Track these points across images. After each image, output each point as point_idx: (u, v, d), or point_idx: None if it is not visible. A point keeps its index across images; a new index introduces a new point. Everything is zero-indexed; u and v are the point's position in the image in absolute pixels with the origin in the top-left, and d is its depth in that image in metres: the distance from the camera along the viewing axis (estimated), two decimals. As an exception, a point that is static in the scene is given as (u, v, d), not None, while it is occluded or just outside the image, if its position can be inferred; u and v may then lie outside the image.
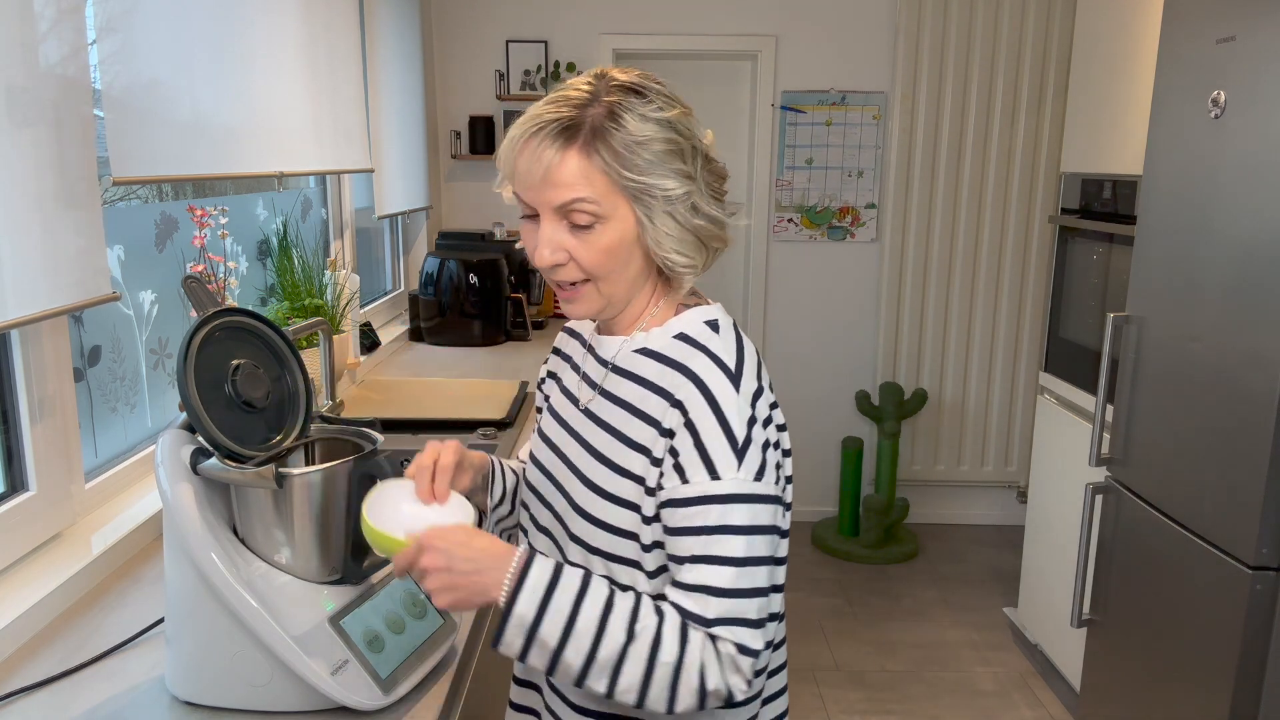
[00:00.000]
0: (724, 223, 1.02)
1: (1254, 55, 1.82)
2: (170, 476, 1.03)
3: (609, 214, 0.96)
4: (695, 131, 0.98)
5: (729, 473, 0.92)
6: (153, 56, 1.57)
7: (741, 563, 0.92)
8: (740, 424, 0.94)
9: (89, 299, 1.37)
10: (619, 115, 0.94)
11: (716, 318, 1.03)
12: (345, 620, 1.08)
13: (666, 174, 0.95)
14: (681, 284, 1.03)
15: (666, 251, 0.98)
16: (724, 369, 0.97)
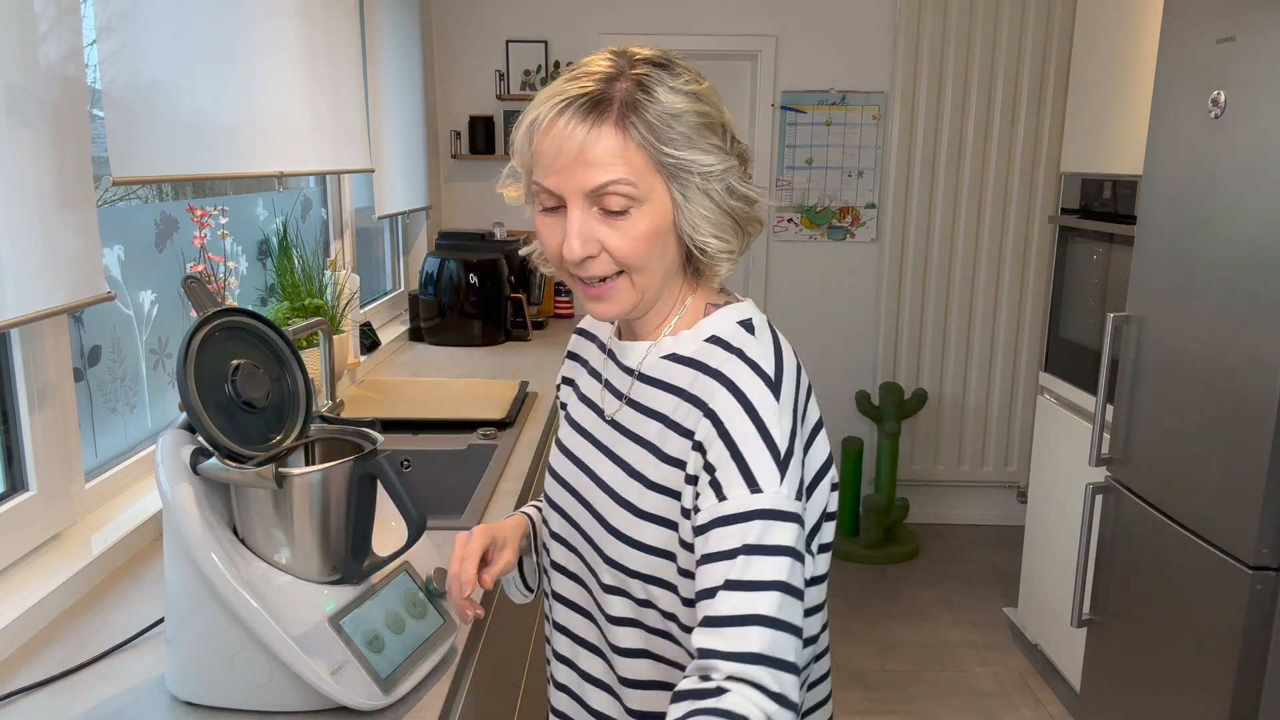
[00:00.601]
0: (756, 200, 0.94)
1: (1254, 55, 1.82)
2: (170, 476, 1.03)
3: (645, 196, 0.87)
4: (724, 108, 0.92)
5: (771, 485, 0.83)
6: (153, 56, 1.57)
7: (786, 589, 0.82)
8: (783, 435, 0.86)
9: (85, 299, 1.37)
10: (650, 88, 0.86)
11: (750, 317, 0.94)
12: (345, 620, 1.08)
13: (705, 149, 0.88)
14: (716, 275, 0.95)
15: (704, 235, 0.90)
16: (763, 376, 0.88)
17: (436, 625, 1.18)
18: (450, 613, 1.22)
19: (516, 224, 3.92)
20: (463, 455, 2.07)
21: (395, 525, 1.21)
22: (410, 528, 1.09)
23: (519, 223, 3.92)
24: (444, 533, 1.60)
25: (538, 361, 2.99)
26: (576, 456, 1.04)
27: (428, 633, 1.17)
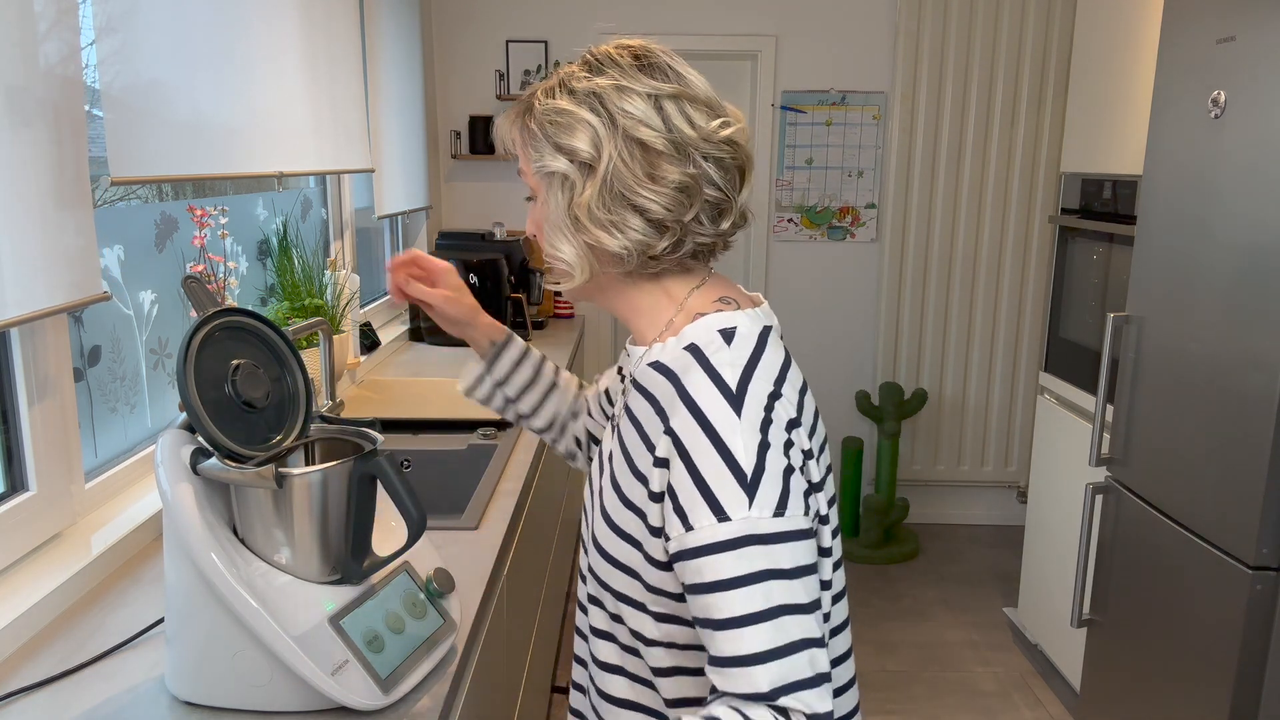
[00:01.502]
0: (609, 222, 0.88)
1: (1254, 55, 1.82)
2: (170, 476, 1.03)
3: (535, 189, 0.94)
4: (631, 108, 0.87)
5: (738, 511, 0.79)
6: (153, 56, 1.57)
7: (776, 613, 0.78)
8: (748, 452, 0.81)
9: (83, 298, 1.37)
10: (551, 89, 0.91)
11: (736, 325, 0.89)
12: (345, 620, 1.07)
13: (552, 150, 0.89)
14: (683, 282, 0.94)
15: (550, 243, 0.92)
16: (722, 388, 0.84)
17: (436, 625, 1.18)
18: (449, 611, 1.23)
19: (516, 224, 3.92)
20: (463, 455, 2.07)
21: (395, 525, 1.21)
22: (410, 528, 1.09)
23: (519, 223, 3.92)
24: (444, 533, 1.60)
25: (538, 361, 2.98)
26: (601, 458, 1.02)
27: (428, 633, 1.17)
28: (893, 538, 3.94)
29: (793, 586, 0.80)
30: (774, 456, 0.82)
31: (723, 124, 0.90)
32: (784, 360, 0.90)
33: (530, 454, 2.03)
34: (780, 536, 0.80)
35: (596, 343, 4.04)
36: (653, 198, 0.87)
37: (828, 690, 0.79)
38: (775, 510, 0.80)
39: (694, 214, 0.89)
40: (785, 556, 0.80)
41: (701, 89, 0.91)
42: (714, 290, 0.95)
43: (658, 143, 0.87)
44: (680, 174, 0.87)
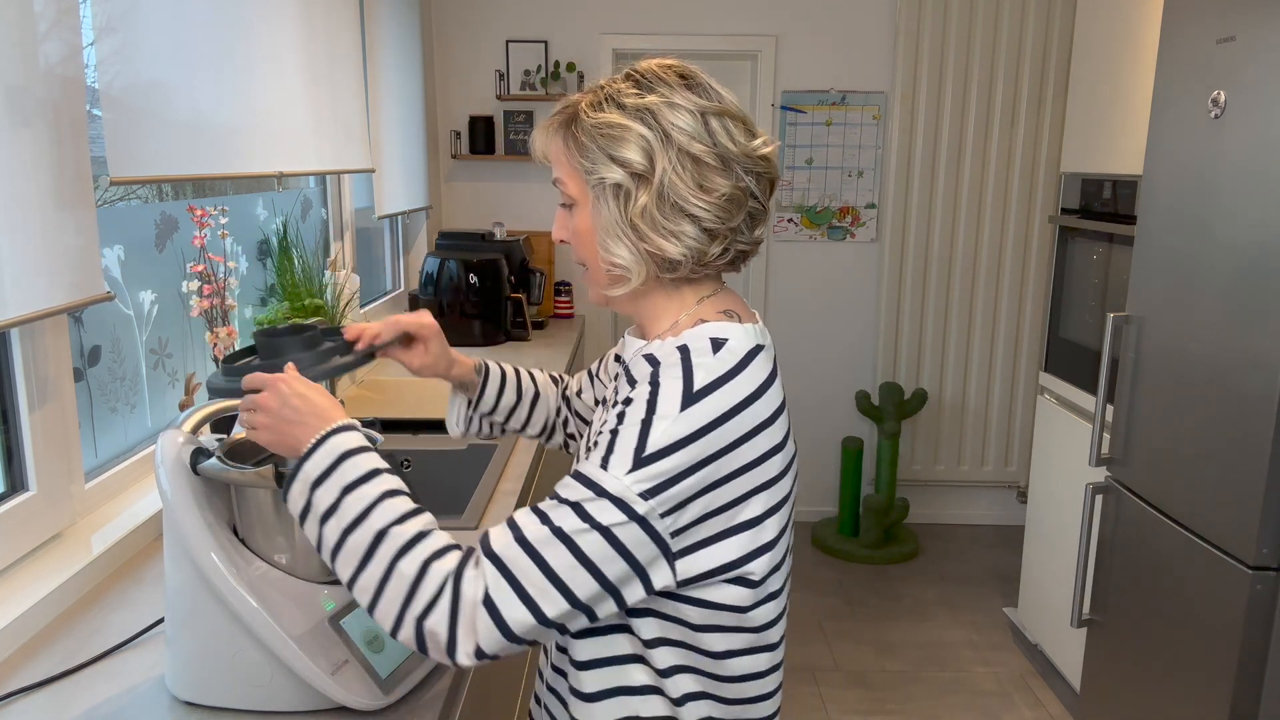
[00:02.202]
0: (668, 230, 0.93)
1: (1254, 55, 1.82)
2: (170, 476, 1.03)
3: (579, 198, 0.98)
4: (682, 123, 0.92)
5: (618, 470, 0.85)
6: (153, 56, 1.57)
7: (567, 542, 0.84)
8: (663, 439, 0.85)
9: (85, 298, 1.37)
10: (598, 102, 0.95)
11: (728, 338, 0.93)
12: (345, 620, 1.08)
13: (606, 161, 0.93)
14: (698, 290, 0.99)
15: (606, 249, 0.96)
16: (686, 384, 0.88)
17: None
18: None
19: (516, 224, 3.92)
20: (463, 455, 2.08)
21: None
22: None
23: (519, 223, 3.92)
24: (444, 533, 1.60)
25: (537, 361, 2.98)
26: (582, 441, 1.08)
27: (428, 633, 1.16)
28: (893, 538, 3.94)
29: (606, 552, 0.84)
30: (684, 456, 0.86)
31: (762, 142, 0.97)
32: (762, 383, 0.93)
33: (530, 454, 2.03)
34: (630, 512, 0.84)
35: (597, 343, 4.04)
36: (705, 207, 0.93)
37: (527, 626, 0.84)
38: (643, 493, 0.85)
39: (739, 221, 0.96)
40: (623, 532, 0.84)
41: (737, 108, 0.97)
42: (721, 302, 1.00)
43: (707, 156, 0.93)
44: (729, 186, 0.94)
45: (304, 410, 0.94)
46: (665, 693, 0.96)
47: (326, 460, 0.91)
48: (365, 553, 0.87)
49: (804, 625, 3.31)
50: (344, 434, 0.93)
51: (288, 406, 0.95)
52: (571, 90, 3.81)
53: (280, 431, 0.95)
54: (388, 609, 0.86)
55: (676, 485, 0.86)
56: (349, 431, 0.93)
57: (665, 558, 0.87)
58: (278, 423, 0.95)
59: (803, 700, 2.84)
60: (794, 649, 3.15)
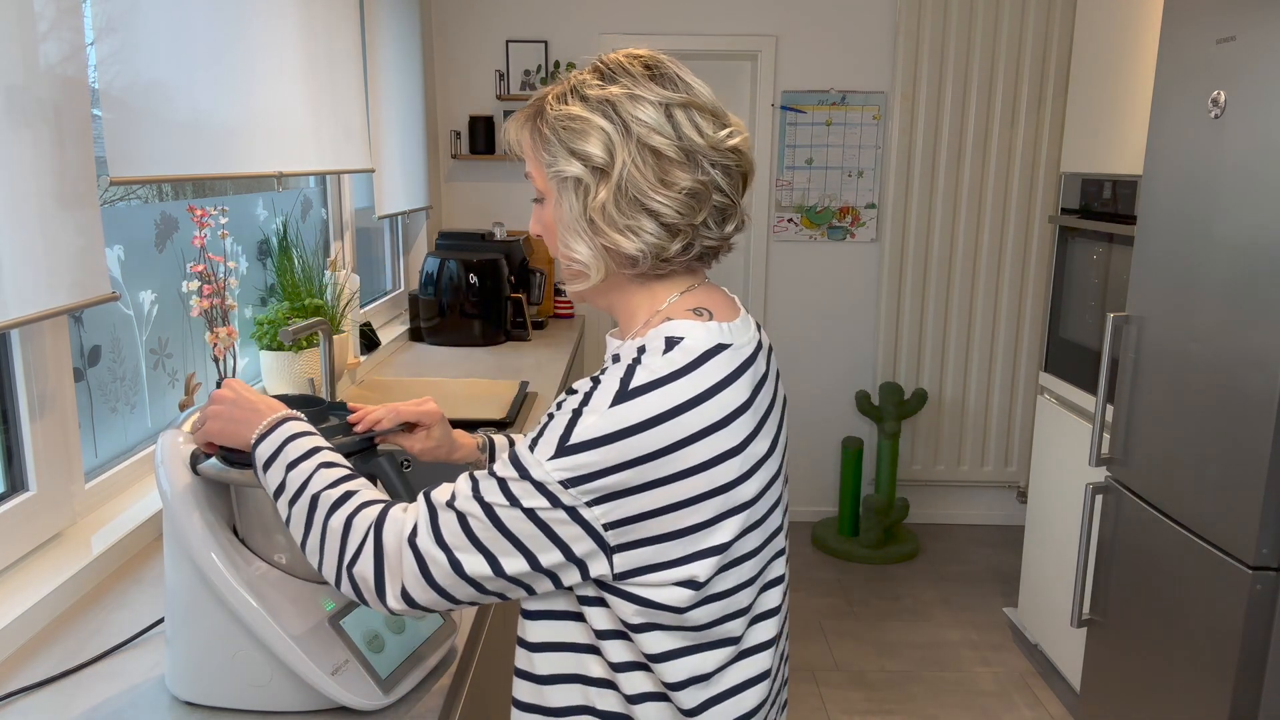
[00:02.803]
0: (625, 226, 0.91)
1: (1254, 55, 1.82)
2: (170, 476, 1.03)
3: (546, 193, 0.97)
4: (644, 116, 0.90)
5: (541, 456, 0.85)
6: (152, 56, 1.57)
7: (489, 512, 0.86)
8: (590, 431, 0.84)
9: (88, 299, 1.37)
10: (563, 95, 0.94)
11: (684, 336, 0.90)
12: (345, 620, 1.08)
13: (566, 155, 0.92)
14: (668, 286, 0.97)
15: (566, 244, 0.95)
16: (624, 382, 0.86)
17: (436, 625, 1.19)
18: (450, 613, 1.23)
19: (516, 224, 3.92)
20: (463, 455, 2.07)
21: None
22: (410, 528, 1.09)
23: (519, 223, 3.92)
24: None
25: (537, 361, 2.98)
26: None
27: (428, 633, 1.17)
28: (893, 538, 3.94)
29: (522, 530, 0.86)
30: (609, 453, 0.84)
31: (729, 133, 0.94)
32: (717, 383, 0.89)
33: (530, 454, 2.03)
34: (544, 494, 0.85)
35: (596, 342, 4.04)
36: (665, 202, 0.91)
37: (428, 578, 0.88)
38: (566, 480, 0.85)
39: (703, 218, 0.93)
40: (543, 514, 0.85)
41: (708, 98, 0.94)
42: (695, 299, 0.97)
43: (669, 150, 0.90)
44: (691, 180, 0.91)
45: (256, 407, 1.02)
46: (620, 689, 0.94)
47: (274, 444, 0.98)
48: (306, 518, 0.94)
49: (804, 625, 3.31)
50: (288, 423, 1.00)
51: (242, 401, 1.02)
52: (571, 90, 3.80)
53: (233, 419, 1.01)
54: (328, 565, 0.93)
55: (602, 479, 0.84)
56: (288, 421, 1.00)
57: (601, 549, 0.87)
58: (232, 411, 1.02)
59: (803, 700, 2.84)
60: (794, 649, 3.15)
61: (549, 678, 0.96)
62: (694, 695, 0.94)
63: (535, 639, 0.97)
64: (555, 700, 0.96)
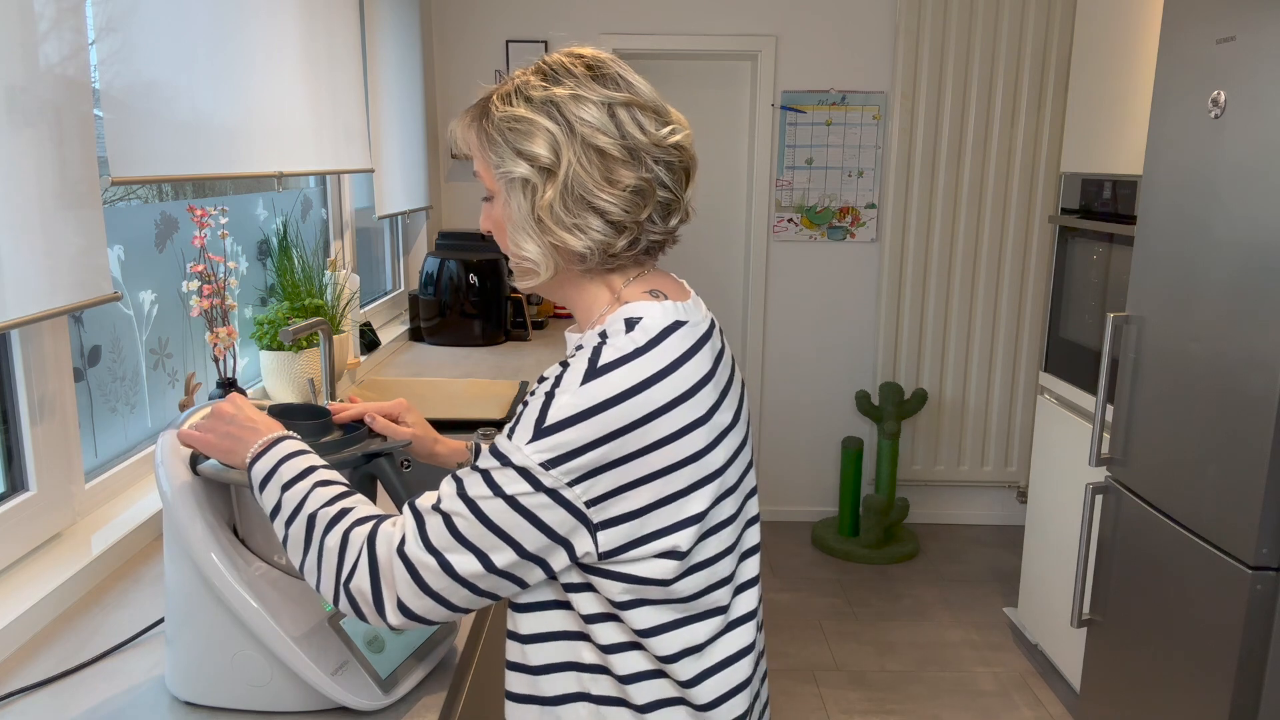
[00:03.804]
0: (572, 224, 0.93)
1: (1254, 55, 1.82)
2: (170, 476, 1.03)
3: (494, 191, 0.99)
4: (587, 116, 0.92)
5: (520, 441, 0.87)
6: (152, 56, 1.57)
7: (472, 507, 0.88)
8: (564, 412, 0.86)
9: (89, 299, 1.37)
10: (507, 95, 0.96)
11: (642, 316, 0.93)
12: (345, 620, 1.08)
13: (513, 155, 0.94)
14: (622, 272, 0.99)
15: (515, 242, 0.97)
16: (591, 362, 0.89)
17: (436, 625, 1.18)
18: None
19: (516, 224, 3.91)
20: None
21: (395, 525, 1.20)
22: (410, 528, 1.09)
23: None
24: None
25: (537, 361, 2.99)
26: None
27: (428, 633, 1.17)
28: (893, 538, 3.94)
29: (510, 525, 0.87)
30: (586, 429, 0.86)
31: (671, 130, 0.96)
32: (678, 358, 0.92)
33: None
34: (528, 478, 0.87)
35: (596, 343, 4.04)
36: (611, 200, 0.93)
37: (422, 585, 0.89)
38: (545, 462, 0.86)
39: (647, 214, 0.95)
40: (528, 501, 0.87)
41: (649, 96, 0.96)
42: (648, 283, 1.00)
43: (613, 149, 0.92)
44: (634, 177, 0.93)
45: (254, 425, 1.02)
46: (613, 671, 0.95)
47: (269, 464, 0.98)
48: (304, 538, 0.94)
49: (804, 625, 3.31)
50: (283, 442, 1.00)
51: (242, 417, 1.03)
52: (571, 90, 3.81)
53: (230, 435, 1.02)
54: (326, 583, 0.93)
55: (581, 456, 0.86)
56: (282, 441, 1.01)
57: (585, 527, 0.89)
58: (230, 428, 1.02)
59: (803, 700, 2.84)
60: (794, 649, 3.15)
61: (542, 668, 0.97)
62: (689, 667, 0.96)
63: (526, 630, 0.98)
64: (549, 690, 0.97)
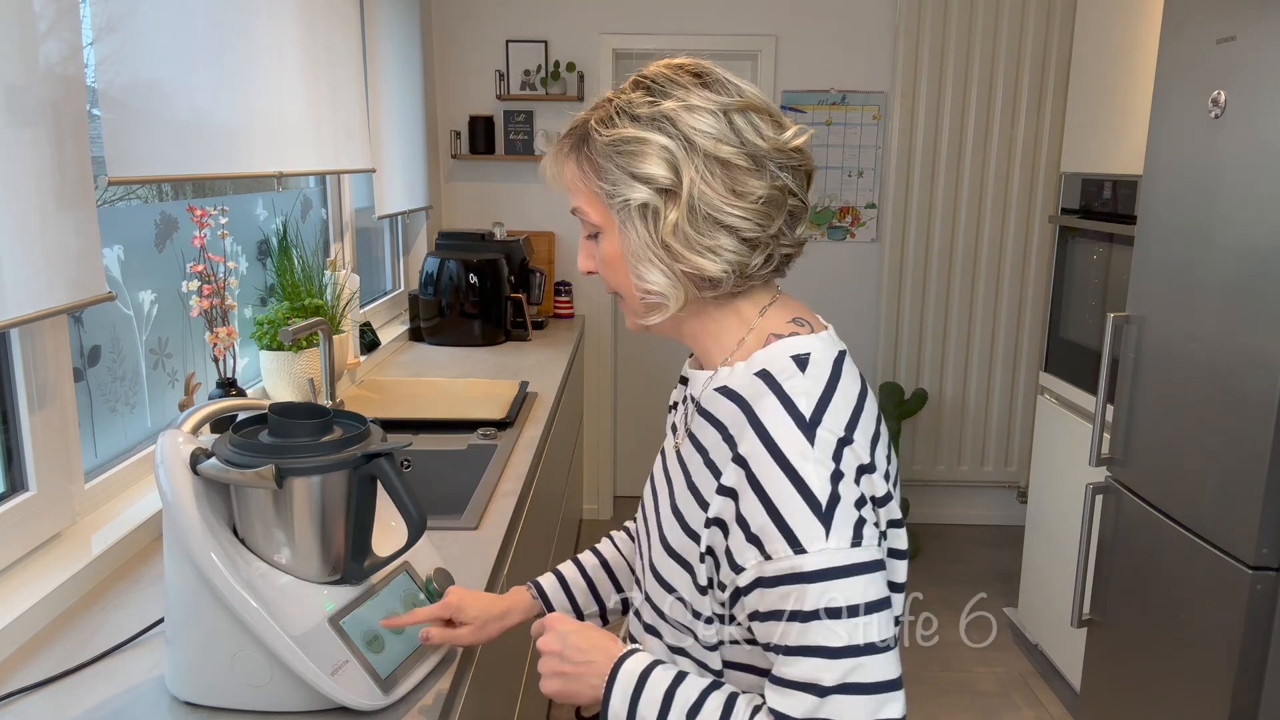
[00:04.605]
0: (703, 246, 0.85)
1: (1254, 55, 1.82)
2: (170, 476, 1.03)
3: (604, 225, 0.90)
4: (704, 126, 0.85)
5: (816, 543, 0.78)
6: (152, 56, 1.57)
7: (850, 653, 0.78)
8: (821, 481, 0.79)
9: (86, 298, 1.37)
10: (609, 117, 0.88)
11: (809, 351, 0.87)
12: (345, 620, 1.07)
13: (628, 180, 0.85)
14: (755, 303, 0.91)
15: (639, 275, 0.88)
16: (795, 415, 0.82)
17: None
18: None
19: (516, 224, 3.91)
20: (463, 455, 2.07)
21: (395, 525, 1.21)
22: (410, 528, 1.09)
23: (519, 223, 3.92)
24: (444, 533, 1.60)
25: (538, 361, 2.99)
26: (653, 483, 1.01)
27: (428, 633, 1.16)
28: (893, 538, 3.93)
29: (870, 623, 0.79)
30: (847, 486, 0.81)
31: (794, 133, 0.89)
32: (860, 391, 0.88)
33: (530, 454, 2.03)
34: (857, 569, 0.79)
35: (596, 342, 4.04)
36: (742, 214, 0.85)
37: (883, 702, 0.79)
38: (852, 541, 0.79)
39: (778, 226, 0.88)
40: (864, 589, 0.79)
41: (761, 100, 0.90)
42: (785, 310, 0.93)
43: (737, 158, 0.85)
44: (764, 187, 0.86)
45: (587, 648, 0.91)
46: None
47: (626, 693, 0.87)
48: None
49: (804, 625, 3.30)
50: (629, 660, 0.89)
51: (570, 645, 0.92)
52: (571, 90, 3.81)
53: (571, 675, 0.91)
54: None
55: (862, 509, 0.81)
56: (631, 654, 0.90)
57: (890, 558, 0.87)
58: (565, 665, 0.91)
59: (803, 700, 2.84)
60: (794, 649, 3.14)
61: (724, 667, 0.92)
62: None
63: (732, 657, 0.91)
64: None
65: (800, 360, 0.86)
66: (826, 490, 0.79)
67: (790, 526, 0.79)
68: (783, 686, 0.80)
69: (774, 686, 0.81)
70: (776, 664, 0.82)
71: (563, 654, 0.91)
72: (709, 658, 0.91)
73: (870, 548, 0.80)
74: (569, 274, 3.90)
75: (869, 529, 0.81)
